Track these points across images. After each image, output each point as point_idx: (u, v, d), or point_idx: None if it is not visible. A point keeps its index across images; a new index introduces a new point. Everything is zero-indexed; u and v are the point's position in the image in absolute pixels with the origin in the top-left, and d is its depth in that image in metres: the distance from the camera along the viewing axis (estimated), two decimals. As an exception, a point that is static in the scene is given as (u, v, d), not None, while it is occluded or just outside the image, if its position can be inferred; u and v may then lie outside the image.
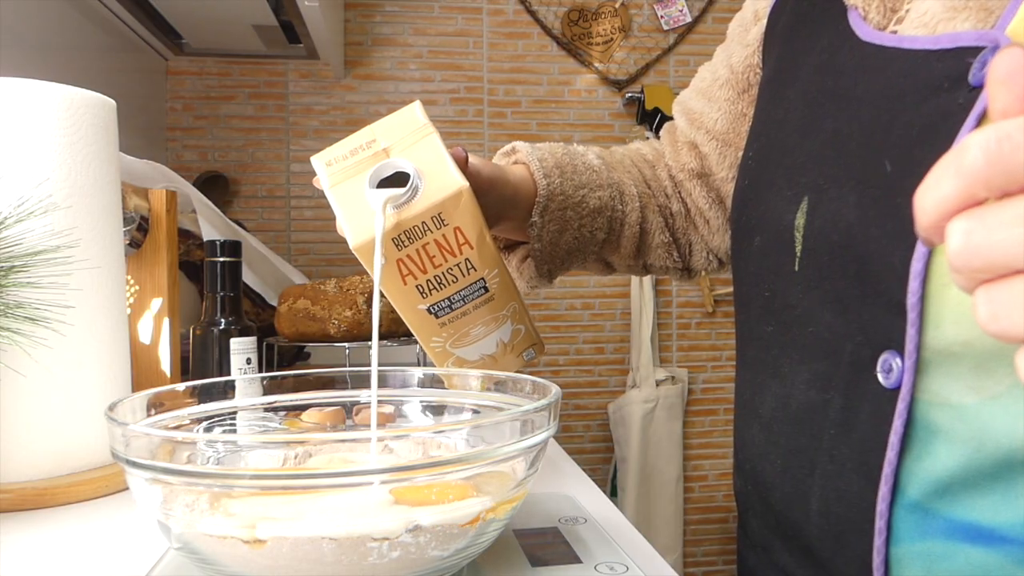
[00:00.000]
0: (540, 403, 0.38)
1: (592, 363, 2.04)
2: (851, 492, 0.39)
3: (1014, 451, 0.34)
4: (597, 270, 0.69)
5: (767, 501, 0.47)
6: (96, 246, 0.59)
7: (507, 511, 0.37)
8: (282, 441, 0.47)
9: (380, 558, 0.33)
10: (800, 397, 0.43)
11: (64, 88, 0.57)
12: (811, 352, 0.42)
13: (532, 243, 0.59)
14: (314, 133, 1.91)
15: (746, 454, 0.50)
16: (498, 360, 0.56)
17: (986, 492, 0.35)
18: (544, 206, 0.58)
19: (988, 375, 0.34)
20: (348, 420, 0.49)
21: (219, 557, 0.33)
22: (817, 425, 0.41)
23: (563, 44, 2.03)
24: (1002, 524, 0.34)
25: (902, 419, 0.36)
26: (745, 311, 0.51)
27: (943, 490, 0.36)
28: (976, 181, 0.21)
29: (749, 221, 0.49)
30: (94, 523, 0.51)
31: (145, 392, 0.42)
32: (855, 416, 0.39)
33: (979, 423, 0.35)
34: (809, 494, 0.42)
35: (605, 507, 0.53)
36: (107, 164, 0.61)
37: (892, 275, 0.36)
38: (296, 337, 1.00)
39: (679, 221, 0.68)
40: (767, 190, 0.47)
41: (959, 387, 0.35)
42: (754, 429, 0.48)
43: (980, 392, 0.35)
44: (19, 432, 0.54)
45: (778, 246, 0.44)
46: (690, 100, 0.67)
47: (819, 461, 0.41)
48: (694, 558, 2.06)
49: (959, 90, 0.35)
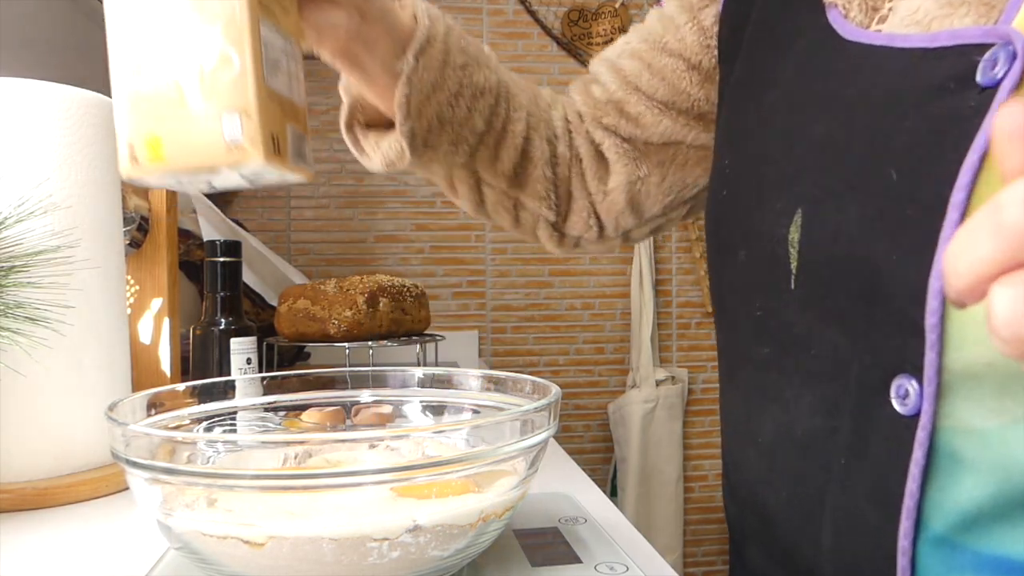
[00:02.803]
0: (540, 403, 0.38)
1: (592, 363, 2.04)
2: (868, 526, 0.36)
3: None
4: (465, 189, 0.59)
5: (771, 532, 0.44)
6: (96, 246, 0.59)
7: (507, 511, 0.37)
8: (282, 441, 0.47)
9: (380, 558, 0.33)
10: (805, 423, 0.40)
11: (64, 88, 0.57)
12: (814, 376, 0.39)
13: (399, 87, 0.48)
14: (314, 133, 1.91)
15: (742, 478, 0.47)
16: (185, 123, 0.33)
17: (1017, 523, 0.32)
18: (421, 47, 0.48)
19: (1011, 397, 0.32)
20: (348, 420, 0.49)
21: (219, 557, 0.33)
22: (826, 453, 0.38)
23: (563, 44, 2.03)
24: None
25: (923, 448, 0.33)
26: (732, 330, 0.48)
27: (971, 523, 0.33)
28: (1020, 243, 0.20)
29: (731, 235, 0.46)
30: (94, 523, 0.51)
31: (145, 392, 0.42)
32: (868, 444, 0.36)
33: (1005, 449, 0.32)
34: (820, 527, 0.39)
35: (605, 507, 0.53)
36: (107, 164, 0.61)
37: (905, 293, 0.33)
38: (296, 337, 1.00)
39: (562, 165, 0.61)
40: (751, 202, 0.44)
41: (982, 411, 0.33)
42: (750, 454, 0.45)
43: (1002, 415, 0.32)
44: (19, 432, 0.54)
45: (769, 262, 0.41)
46: (621, 59, 0.60)
47: (829, 491, 0.38)
48: (694, 558, 2.06)
49: (968, 91, 0.33)
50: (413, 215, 1.93)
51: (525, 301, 1.97)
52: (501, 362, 1.96)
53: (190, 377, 0.80)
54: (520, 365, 1.97)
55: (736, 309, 0.47)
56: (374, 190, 1.90)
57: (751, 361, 0.45)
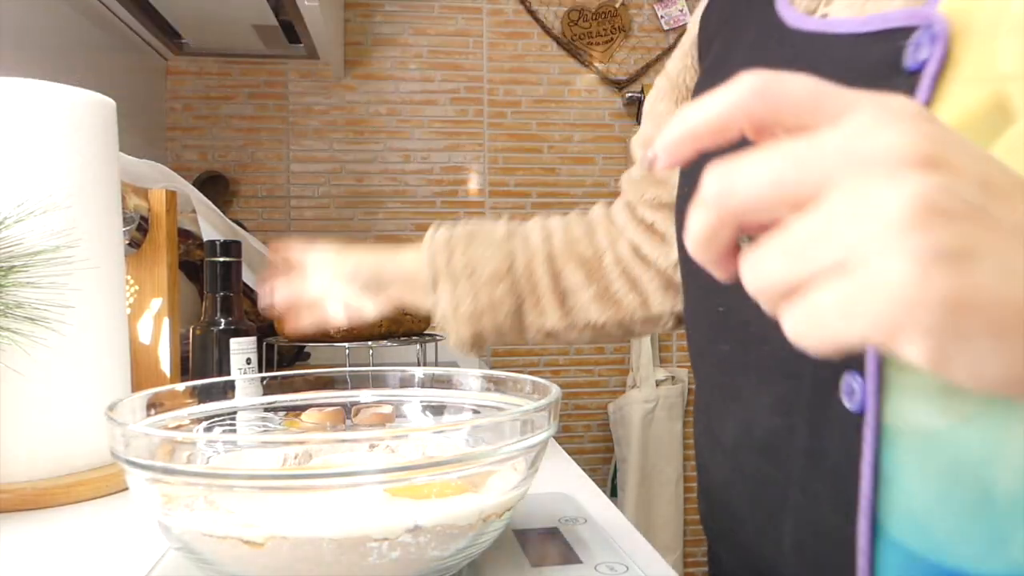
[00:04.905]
0: (540, 403, 0.38)
1: (592, 363, 2.04)
2: (827, 527, 0.36)
3: (993, 484, 0.31)
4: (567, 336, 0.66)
5: (736, 536, 0.44)
6: (96, 246, 0.59)
7: (507, 511, 0.37)
8: (282, 441, 0.47)
9: (380, 558, 0.33)
10: (764, 423, 0.40)
11: (64, 88, 0.57)
12: (771, 374, 0.39)
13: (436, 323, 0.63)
14: (314, 133, 1.91)
15: (711, 480, 0.47)
16: None
17: (969, 537, 0.32)
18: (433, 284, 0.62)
19: (958, 395, 0.32)
20: (348, 420, 0.49)
21: (219, 557, 0.33)
22: (784, 454, 0.38)
23: (563, 44, 2.03)
24: (992, 573, 0.31)
25: (871, 446, 0.33)
26: (696, 327, 0.48)
27: (923, 530, 0.33)
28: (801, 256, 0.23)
29: None
30: (94, 523, 0.51)
31: (145, 392, 0.42)
32: (823, 444, 0.36)
33: (953, 450, 0.32)
34: (782, 529, 0.39)
35: (605, 507, 0.53)
36: (107, 164, 0.61)
37: None
38: (296, 337, 1.00)
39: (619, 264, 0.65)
40: None
41: (928, 410, 0.32)
42: (718, 456, 0.46)
43: (949, 414, 0.32)
44: (19, 432, 0.54)
45: None
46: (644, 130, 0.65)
47: (790, 493, 0.38)
48: (694, 558, 2.06)
49: (897, 76, 0.33)
50: (413, 215, 1.93)
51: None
52: (501, 362, 1.96)
53: (190, 377, 0.80)
54: (520, 365, 1.97)
55: (698, 307, 0.48)
56: (374, 190, 1.90)
57: (714, 358, 0.45)
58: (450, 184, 1.97)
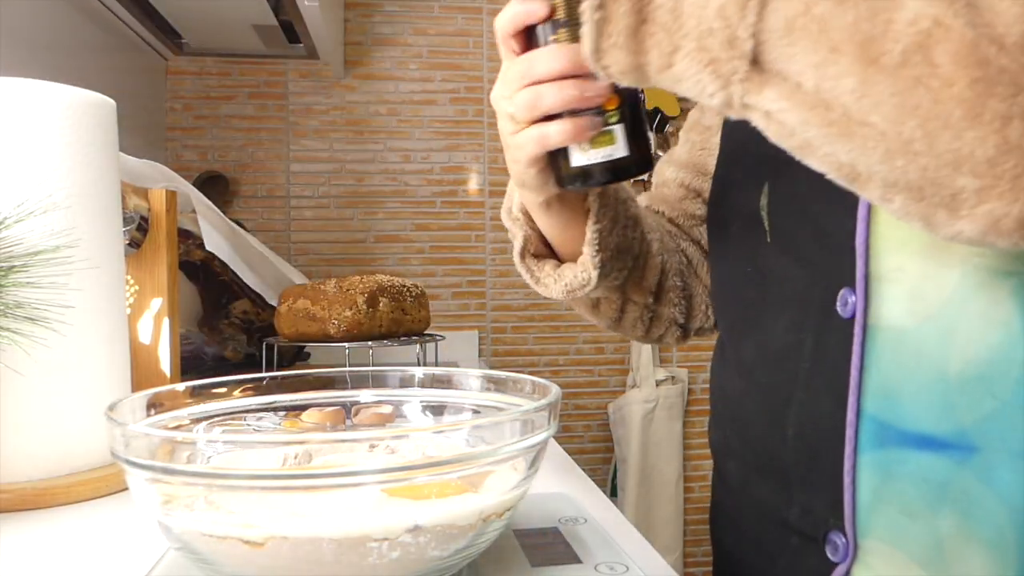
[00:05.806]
0: (540, 403, 0.38)
1: (592, 363, 2.04)
2: (824, 413, 0.45)
3: (947, 367, 0.41)
4: (611, 310, 0.65)
5: (745, 438, 0.53)
6: (96, 246, 0.59)
7: (507, 511, 0.37)
8: (282, 441, 0.47)
9: (380, 558, 0.33)
10: (778, 343, 0.49)
11: (64, 88, 0.57)
12: (787, 304, 0.49)
13: (590, 225, 0.56)
14: (314, 133, 1.91)
15: (725, 403, 0.57)
16: None
17: (928, 407, 0.42)
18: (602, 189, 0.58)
19: (920, 298, 0.42)
20: (348, 420, 0.49)
21: (219, 557, 0.33)
22: (793, 363, 0.48)
23: (563, 44, 2.03)
24: (943, 433, 0.42)
25: (859, 343, 0.44)
26: (728, 284, 0.57)
27: (893, 405, 0.43)
28: None
29: (727, 212, 0.57)
30: (94, 523, 0.51)
31: (145, 392, 0.42)
32: (825, 349, 0.46)
33: (916, 344, 0.42)
34: (786, 423, 0.48)
35: (605, 507, 0.53)
36: (107, 164, 0.61)
37: (841, 230, 0.45)
38: (296, 337, 1.00)
39: (685, 272, 0.67)
40: (734, 186, 0.56)
41: (900, 311, 0.43)
42: (735, 378, 0.55)
43: (915, 315, 0.42)
44: (19, 432, 0.54)
45: (752, 227, 0.52)
46: (675, 150, 0.70)
47: (795, 394, 0.48)
48: (694, 558, 2.06)
49: None
50: (413, 215, 1.93)
51: (525, 301, 1.97)
52: (501, 362, 1.96)
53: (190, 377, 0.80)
54: (520, 365, 1.97)
55: (730, 269, 0.57)
56: (374, 190, 1.90)
57: (740, 301, 0.55)
58: (450, 184, 1.97)
